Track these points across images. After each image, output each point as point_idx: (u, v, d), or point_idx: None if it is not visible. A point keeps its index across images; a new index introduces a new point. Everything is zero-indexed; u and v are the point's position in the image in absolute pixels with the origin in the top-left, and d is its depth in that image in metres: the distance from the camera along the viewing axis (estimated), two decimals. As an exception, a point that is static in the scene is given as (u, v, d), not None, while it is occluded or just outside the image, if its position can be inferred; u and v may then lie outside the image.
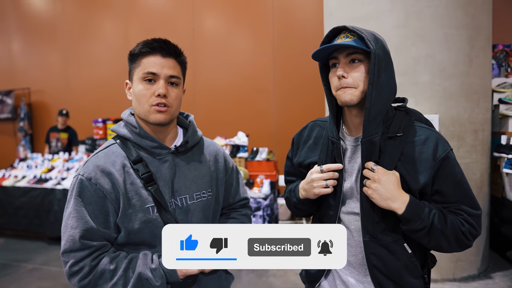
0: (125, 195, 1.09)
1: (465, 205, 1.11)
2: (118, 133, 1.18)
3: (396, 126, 1.12)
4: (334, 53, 1.12)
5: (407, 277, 1.12)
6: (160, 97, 1.10)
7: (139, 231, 1.11)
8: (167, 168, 1.16)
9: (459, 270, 3.35)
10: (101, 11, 7.02)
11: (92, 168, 1.09)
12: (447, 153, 1.11)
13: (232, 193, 1.37)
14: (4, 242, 5.06)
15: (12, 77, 7.64)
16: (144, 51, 1.12)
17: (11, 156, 7.61)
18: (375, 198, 1.07)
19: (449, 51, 3.22)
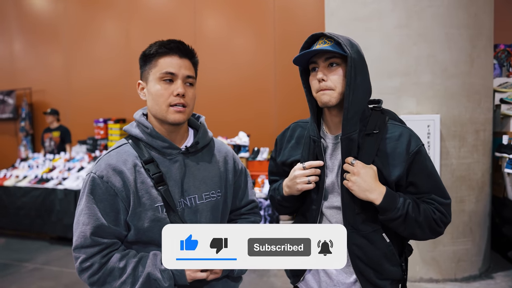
0: (136, 194, 1.11)
1: (436, 195, 1.20)
2: (130, 133, 1.20)
3: (372, 124, 1.21)
4: (314, 58, 1.20)
5: (386, 264, 1.21)
6: (179, 96, 1.12)
7: (148, 230, 1.12)
8: (177, 168, 1.17)
9: (460, 270, 3.35)
10: (103, 11, 7.03)
11: (104, 167, 1.12)
12: (419, 147, 1.20)
13: (239, 195, 1.38)
14: (5, 242, 5.06)
15: (13, 77, 7.65)
16: (161, 52, 1.14)
17: (13, 156, 7.62)
18: (354, 190, 1.15)
19: (450, 51, 3.21)
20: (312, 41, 1.22)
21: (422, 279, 3.33)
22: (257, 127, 5.85)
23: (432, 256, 3.31)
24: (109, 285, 1.08)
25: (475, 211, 3.37)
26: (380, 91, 3.33)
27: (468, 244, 3.36)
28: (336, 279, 1.26)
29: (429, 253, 3.31)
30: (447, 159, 3.26)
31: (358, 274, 1.22)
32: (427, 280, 3.32)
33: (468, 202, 3.33)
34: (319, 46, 1.18)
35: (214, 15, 6.37)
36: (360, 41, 3.37)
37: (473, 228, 3.37)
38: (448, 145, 3.25)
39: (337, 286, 1.26)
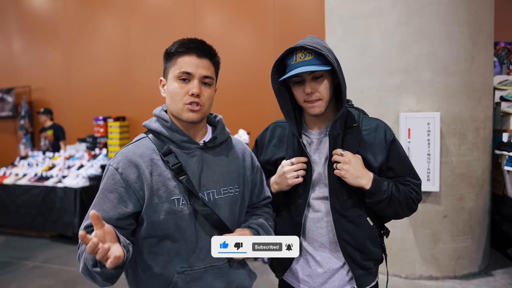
0: (151, 186, 1.12)
1: (410, 177, 1.35)
2: (149, 127, 1.22)
3: (351, 119, 1.33)
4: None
5: (370, 246, 1.34)
6: (193, 96, 1.14)
7: (163, 223, 1.13)
8: (195, 162, 1.18)
9: (459, 268, 3.36)
10: (102, 9, 7.00)
11: (120, 158, 1.14)
12: (393, 136, 1.34)
13: (256, 192, 1.39)
14: (5, 240, 5.07)
15: (12, 75, 7.63)
16: (180, 51, 1.16)
17: (12, 154, 7.61)
18: (347, 178, 1.25)
19: (451, 48, 3.21)
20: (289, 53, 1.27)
21: (421, 276, 3.33)
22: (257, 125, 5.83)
23: (432, 253, 3.32)
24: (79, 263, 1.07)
25: (475, 208, 3.37)
26: (380, 88, 3.33)
27: (467, 241, 3.36)
28: (327, 266, 1.35)
29: (429, 251, 3.32)
30: (447, 157, 3.26)
31: (346, 257, 1.32)
32: (427, 278, 3.33)
33: (468, 199, 3.33)
34: (300, 59, 1.22)
35: (213, 13, 6.36)
36: (360, 39, 3.40)
37: (473, 226, 3.38)
38: (448, 143, 3.25)
39: (327, 272, 1.35)
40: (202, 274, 1.17)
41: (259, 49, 6.03)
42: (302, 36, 1.28)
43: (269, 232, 1.32)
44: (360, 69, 3.38)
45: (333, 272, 1.34)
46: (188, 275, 1.15)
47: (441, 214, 3.28)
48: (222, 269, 1.20)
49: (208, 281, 1.17)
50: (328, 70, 1.24)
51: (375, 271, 1.38)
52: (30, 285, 3.55)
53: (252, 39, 6.15)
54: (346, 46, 3.44)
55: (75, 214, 4.70)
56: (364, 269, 1.34)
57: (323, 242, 1.34)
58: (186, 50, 1.15)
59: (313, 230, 1.35)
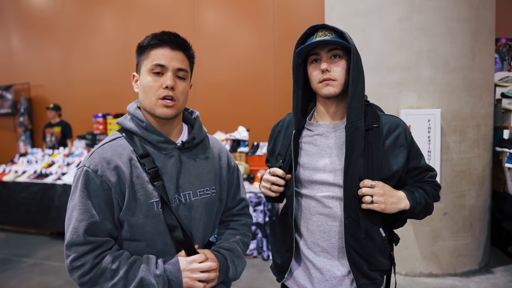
0: (131, 189, 1.08)
1: (430, 171, 1.32)
2: (124, 126, 1.16)
3: (370, 119, 1.24)
4: (316, 49, 1.21)
5: (379, 257, 1.25)
6: (167, 89, 1.09)
7: (142, 226, 1.09)
8: (172, 164, 1.15)
9: (460, 265, 3.35)
10: (100, 6, 6.97)
11: (98, 160, 1.07)
12: (411, 135, 1.29)
13: (232, 193, 1.36)
14: (5, 237, 5.06)
15: (11, 72, 7.61)
16: (153, 43, 1.11)
17: (12, 151, 7.60)
18: (387, 209, 1.18)
19: (451, 45, 3.19)
20: (311, 33, 1.23)
21: (421, 273, 3.33)
22: (257, 121, 5.83)
23: (432, 251, 3.31)
24: (99, 286, 1.04)
25: (475, 205, 3.36)
26: (380, 85, 3.31)
27: (468, 239, 3.36)
28: (328, 274, 1.26)
29: (429, 248, 3.31)
30: (448, 154, 3.24)
31: (351, 265, 1.24)
32: (427, 275, 3.32)
33: (469, 196, 3.32)
34: (320, 37, 1.18)
35: (213, 10, 6.32)
36: (360, 36, 3.38)
37: (473, 223, 3.37)
38: (449, 140, 3.24)
39: (329, 280, 1.26)
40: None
41: (258, 46, 6.01)
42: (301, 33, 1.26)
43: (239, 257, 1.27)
44: (360, 65, 3.36)
45: (336, 281, 1.26)
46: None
47: (441, 211, 3.27)
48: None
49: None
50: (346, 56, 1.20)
51: (380, 281, 1.30)
52: (29, 282, 3.55)
53: (252, 35, 6.12)
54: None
55: (74, 211, 4.68)
56: (368, 279, 1.26)
57: (324, 246, 1.26)
58: (159, 43, 1.10)
59: (315, 233, 1.27)
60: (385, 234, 1.27)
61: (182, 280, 1.07)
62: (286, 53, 5.74)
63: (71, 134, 6.19)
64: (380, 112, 1.32)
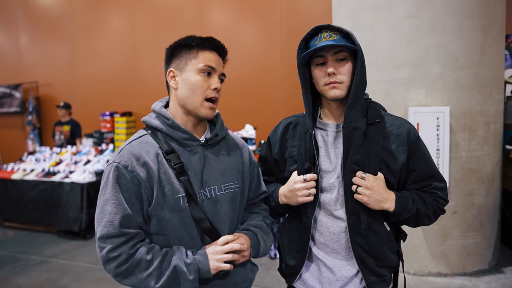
0: (159, 184, 1.12)
1: (435, 181, 1.27)
2: (149, 124, 1.20)
3: (372, 115, 1.24)
4: (321, 52, 1.19)
5: (386, 252, 1.25)
6: (215, 91, 1.17)
7: (170, 220, 1.13)
8: (197, 160, 1.19)
9: (469, 265, 3.31)
10: (108, 4, 6.99)
11: (128, 156, 1.12)
12: (417, 136, 1.26)
13: (253, 187, 1.40)
14: (14, 235, 5.11)
15: (20, 71, 7.67)
16: (204, 45, 1.17)
17: (20, 149, 7.67)
18: (370, 204, 1.19)
19: (461, 41, 3.14)
20: (315, 33, 1.22)
21: (430, 273, 3.29)
22: (264, 119, 5.81)
23: (441, 250, 3.27)
24: (134, 276, 1.08)
25: (485, 204, 3.32)
26: (388, 83, 3.28)
27: (477, 238, 3.31)
28: (339, 274, 1.28)
29: (438, 247, 3.27)
30: (457, 152, 3.20)
31: (359, 263, 1.25)
32: (436, 274, 3.29)
33: (478, 195, 3.27)
34: (325, 39, 1.18)
35: (220, 8, 6.31)
36: (368, 32, 3.34)
37: (483, 222, 3.32)
38: (458, 138, 3.19)
39: (340, 280, 1.28)
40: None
41: (265, 44, 5.98)
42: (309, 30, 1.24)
43: (267, 233, 1.33)
44: (368, 63, 3.28)
45: (346, 280, 1.27)
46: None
47: (450, 210, 3.23)
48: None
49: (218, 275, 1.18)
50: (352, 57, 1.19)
51: (389, 279, 1.31)
52: (37, 279, 3.57)
53: (259, 33, 6.10)
54: (354, 39, 3.38)
55: (81, 210, 4.72)
56: (377, 276, 1.26)
57: (335, 248, 1.28)
58: (209, 46, 1.18)
59: (325, 235, 1.28)
60: (389, 229, 1.26)
61: (210, 267, 1.12)
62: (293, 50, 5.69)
63: (80, 133, 6.23)
64: (383, 111, 1.34)
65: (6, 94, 7.65)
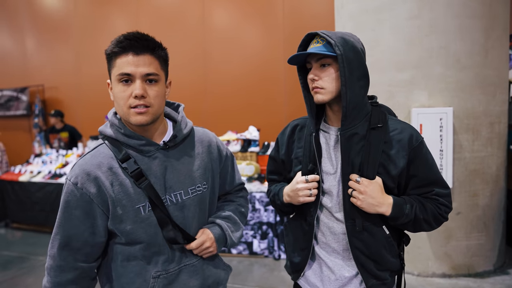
0: (113, 197, 1.07)
1: (438, 188, 1.25)
2: (105, 133, 1.14)
3: (376, 119, 1.24)
4: (308, 58, 1.25)
5: (386, 256, 1.26)
6: (137, 98, 1.04)
7: (132, 232, 1.10)
8: (157, 165, 1.13)
9: (474, 266, 3.30)
10: (111, 7, 7.05)
11: (78, 172, 1.08)
12: (420, 141, 1.24)
13: (228, 180, 1.38)
14: (22, 236, 5.17)
15: (26, 75, 7.76)
16: (115, 51, 1.06)
17: (27, 151, 7.75)
18: (364, 208, 1.20)
19: (463, 41, 3.14)
20: (308, 40, 1.26)
21: (434, 274, 3.29)
22: (267, 119, 5.83)
23: (445, 251, 3.27)
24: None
25: (489, 205, 3.31)
26: (391, 84, 3.28)
27: (482, 239, 3.30)
28: (339, 273, 1.30)
29: (442, 248, 3.27)
30: (460, 153, 3.20)
31: (359, 266, 1.26)
32: (440, 275, 3.28)
33: (482, 196, 3.27)
34: (313, 45, 1.22)
35: (222, 8, 6.34)
36: (370, 34, 3.35)
37: (487, 223, 3.31)
38: (461, 139, 3.19)
39: (339, 280, 1.30)
40: (178, 275, 1.16)
41: (268, 43, 6.00)
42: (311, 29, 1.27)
43: (236, 223, 1.31)
44: (370, 64, 3.28)
45: (346, 280, 1.29)
46: (164, 279, 1.14)
47: (454, 211, 3.23)
48: (196, 266, 1.20)
49: (184, 281, 1.17)
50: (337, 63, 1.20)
51: (390, 282, 1.31)
52: (44, 281, 3.62)
53: (261, 31, 6.11)
54: (356, 41, 3.39)
55: (88, 211, 4.77)
56: (378, 279, 1.27)
57: (336, 248, 1.30)
58: (121, 50, 1.05)
59: (327, 235, 1.31)
60: (388, 232, 1.26)
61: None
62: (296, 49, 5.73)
63: (80, 135, 6.35)
64: (391, 114, 1.34)
65: (13, 97, 7.73)
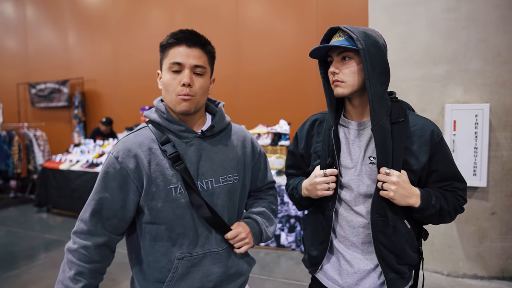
0: (149, 175, 1.15)
1: (456, 182, 1.29)
2: (149, 117, 1.24)
3: (396, 113, 1.26)
4: (329, 52, 1.27)
5: (407, 250, 1.28)
6: (184, 86, 1.14)
7: (161, 210, 1.16)
8: (193, 151, 1.20)
9: (509, 269, 3.18)
10: (148, 3, 7.23)
11: (120, 148, 1.17)
12: (441, 137, 1.27)
13: (260, 177, 1.42)
14: (61, 221, 5.47)
15: (68, 68, 8.13)
16: (170, 42, 1.17)
17: (67, 141, 8.15)
18: (396, 199, 1.20)
19: (504, 34, 2.99)
20: (331, 34, 1.27)
21: (465, 275, 3.20)
22: (298, 113, 5.82)
23: (478, 252, 3.17)
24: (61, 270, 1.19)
25: (528, 206, 3.17)
26: (424, 79, 3.19)
27: (518, 240, 3.17)
28: (357, 267, 1.31)
29: (474, 249, 3.17)
30: (497, 151, 3.07)
31: (380, 259, 1.27)
32: (471, 277, 3.19)
33: (520, 196, 3.13)
34: (335, 39, 1.23)
35: (256, 3, 6.35)
36: (405, 27, 3.27)
37: (525, 224, 3.18)
38: (499, 136, 3.06)
39: (358, 273, 1.31)
40: (201, 260, 1.21)
41: (301, 39, 5.96)
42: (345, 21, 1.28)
43: (270, 219, 1.35)
44: (403, 58, 3.25)
45: (364, 274, 1.30)
46: (187, 261, 1.19)
47: (488, 211, 3.12)
48: (221, 255, 1.24)
49: (207, 266, 1.21)
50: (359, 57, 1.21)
51: (408, 276, 1.33)
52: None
53: (295, 28, 6.08)
54: (389, 34, 3.31)
55: (122, 199, 4.98)
56: (397, 273, 1.28)
57: (355, 242, 1.31)
58: (176, 41, 1.16)
59: (345, 228, 1.32)
60: (410, 226, 1.28)
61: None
62: (328, 45, 5.65)
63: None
64: (410, 110, 1.34)
65: (55, 89, 8.13)
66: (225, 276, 1.25)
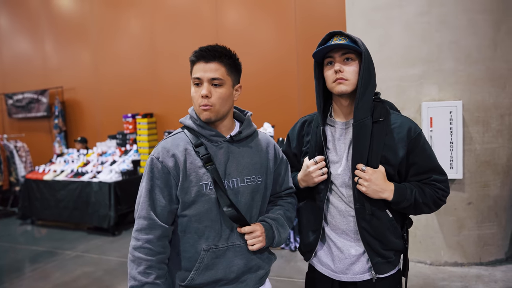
0: (185, 172, 1.31)
1: (435, 174, 1.40)
2: (184, 123, 1.41)
3: (378, 113, 1.39)
4: (331, 53, 1.37)
5: (390, 236, 1.41)
6: (203, 98, 1.30)
7: (193, 202, 1.32)
8: (222, 154, 1.36)
9: (486, 254, 3.39)
10: (127, 9, 7.22)
11: (160, 149, 1.34)
12: (418, 133, 1.39)
13: (279, 181, 1.54)
14: (47, 232, 5.41)
15: (46, 77, 8.00)
16: (192, 59, 1.33)
17: (48, 152, 8.01)
18: (369, 194, 1.35)
19: (473, 36, 3.21)
20: (329, 38, 1.39)
21: (447, 263, 3.39)
22: (281, 116, 5.93)
23: (457, 240, 3.36)
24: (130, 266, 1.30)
25: (501, 195, 3.38)
26: (402, 79, 3.37)
27: (493, 228, 3.38)
28: (348, 253, 1.44)
29: (454, 238, 3.36)
30: (471, 145, 3.28)
31: (365, 244, 1.40)
32: (452, 264, 3.38)
33: (493, 186, 3.34)
34: (335, 42, 1.34)
35: (235, 8, 6.46)
36: (381, 31, 3.45)
37: (499, 213, 3.39)
38: (472, 131, 3.27)
39: (348, 258, 1.44)
40: (225, 252, 1.34)
41: (281, 43, 6.09)
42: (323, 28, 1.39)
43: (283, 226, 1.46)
44: (381, 60, 3.42)
45: (354, 259, 1.43)
46: (213, 253, 1.32)
47: (465, 201, 3.32)
48: (243, 248, 1.37)
49: (230, 258, 1.34)
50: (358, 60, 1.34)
51: (395, 260, 1.45)
52: (73, 272, 3.82)
53: (274, 32, 6.21)
54: (367, 38, 3.48)
55: (110, 207, 4.98)
56: (383, 257, 1.41)
57: (345, 230, 1.44)
58: (195, 59, 1.32)
59: (336, 217, 1.44)
60: (391, 216, 1.41)
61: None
62: (308, 46, 5.80)
63: None
64: (393, 110, 1.48)
65: (34, 99, 8.00)
66: (246, 268, 1.37)
